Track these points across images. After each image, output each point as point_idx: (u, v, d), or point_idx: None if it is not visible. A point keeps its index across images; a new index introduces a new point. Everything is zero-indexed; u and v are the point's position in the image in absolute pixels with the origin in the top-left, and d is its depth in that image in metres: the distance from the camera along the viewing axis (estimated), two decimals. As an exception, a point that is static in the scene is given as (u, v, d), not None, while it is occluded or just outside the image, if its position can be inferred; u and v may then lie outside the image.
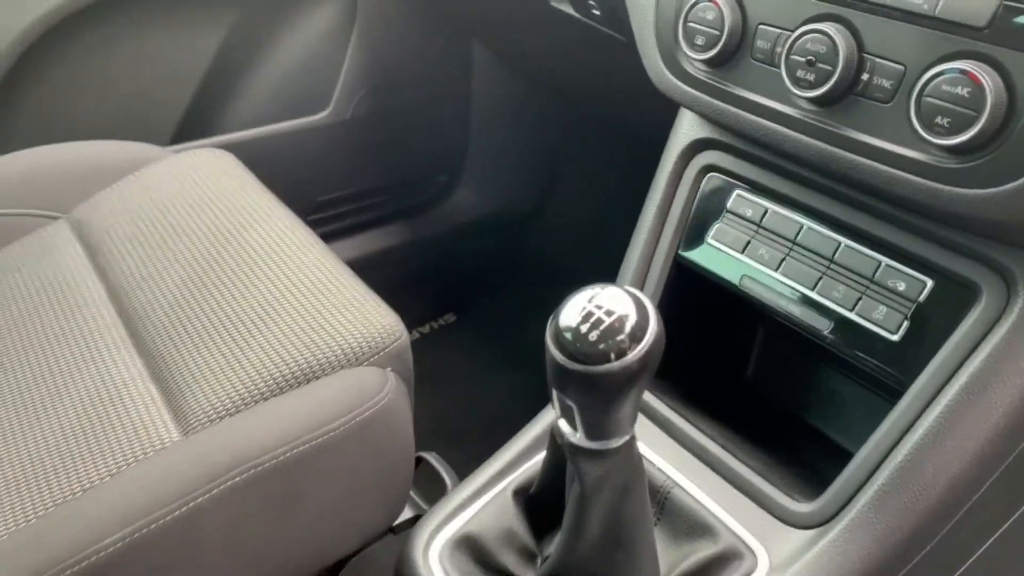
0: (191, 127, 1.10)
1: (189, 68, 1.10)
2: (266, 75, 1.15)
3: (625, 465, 0.45)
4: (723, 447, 0.56)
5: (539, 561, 0.53)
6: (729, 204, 0.60)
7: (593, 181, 1.09)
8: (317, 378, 0.58)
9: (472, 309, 1.40)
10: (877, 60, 0.46)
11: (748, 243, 0.58)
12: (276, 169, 0.91)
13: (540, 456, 0.55)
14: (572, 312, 0.41)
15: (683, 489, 0.55)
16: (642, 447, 0.57)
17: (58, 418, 0.58)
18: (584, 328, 0.40)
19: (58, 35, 0.96)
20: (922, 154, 0.45)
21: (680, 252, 0.62)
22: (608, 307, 0.41)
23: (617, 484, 0.45)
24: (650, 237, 0.63)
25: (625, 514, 0.46)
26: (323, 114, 1.19)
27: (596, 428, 0.43)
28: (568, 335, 0.41)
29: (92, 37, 1.00)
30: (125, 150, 0.90)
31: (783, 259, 0.56)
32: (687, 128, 0.62)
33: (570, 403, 0.42)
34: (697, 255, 0.61)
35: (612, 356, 0.40)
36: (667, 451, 0.58)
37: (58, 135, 0.91)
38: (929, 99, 0.43)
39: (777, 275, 0.56)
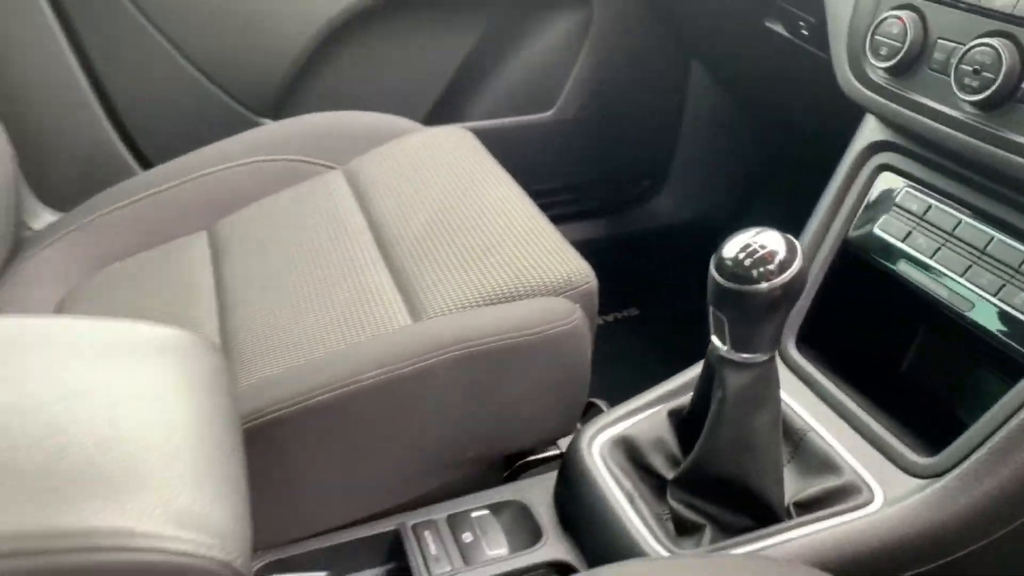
0: (441, 112, 1.30)
1: (444, 63, 1.30)
2: (506, 75, 1.34)
3: (762, 380, 0.55)
4: (857, 404, 0.64)
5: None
6: (897, 199, 0.68)
7: (790, 196, 1.16)
8: (522, 298, 0.72)
9: (655, 306, 1.50)
10: (1038, 73, 0.53)
11: (909, 233, 0.66)
12: (504, 154, 1.07)
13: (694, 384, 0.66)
14: (734, 244, 0.52)
15: (817, 433, 0.64)
16: (786, 396, 0.66)
17: (324, 307, 0.77)
18: (741, 256, 0.51)
19: (343, 32, 1.19)
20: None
21: (848, 236, 0.70)
22: (764, 243, 0.52)
23: (753, 396, 0.55)
24: (824, 221, 0.72)
25: (756, 423, 0.56)
26: (549, 113, 1.36)
27: (741, 342, 0.53)
28: (728, 261, 0.52)
29: (370, 34, 1.22)
30: (391, 121, 1.09)
31: (939, 248, 0.63)
32: (867, 132, 0.71)
33: (723, 317, 0.53)
34: (863, 240, 0.69)
35: (761, 280, 0.50)
36: (808, 402, 0.67)
37: (340, 107, 1.13)
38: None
39: (932, 262, 0.64)
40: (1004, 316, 0.58)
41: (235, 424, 0.48)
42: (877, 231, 0.69)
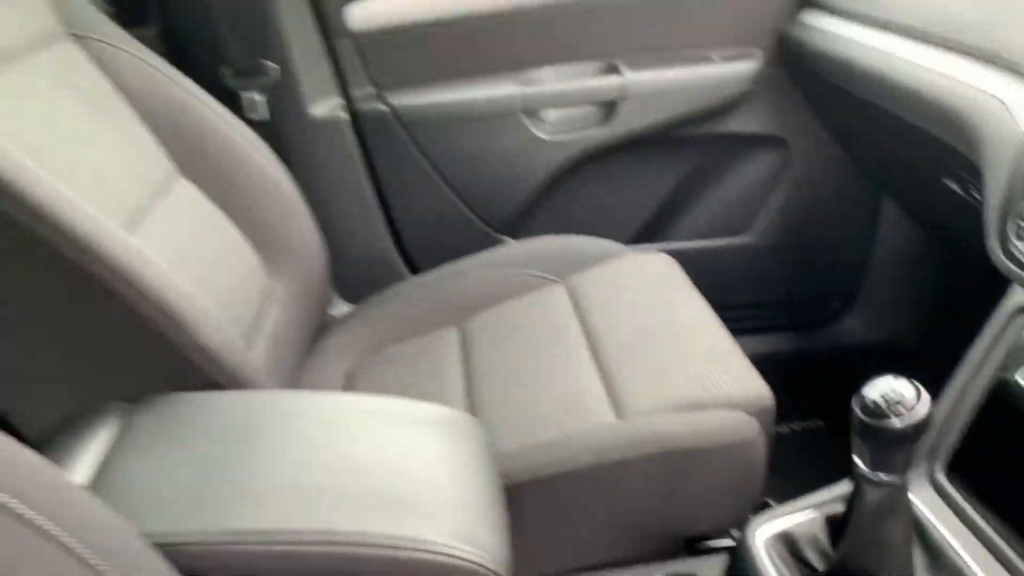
0: (646, 233, 1.52)
1: (654, 192, 1.52)
2: (706, 202, 1.53)
3: (894, 496, 0.69)
4: (996, 532, 0.75)
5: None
6: (1042, 354, 0.79)
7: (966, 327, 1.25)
8: (707, 408, 0.90)
9: (839, 420, 1.59)
10: None
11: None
12: (700, 272, 1.25)
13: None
14: (874, 387, 0.68)
15: (955, 551, 0.76)
16: (931, 516, 0.79)
17: (546, 395, 0.99)
18: (879, 398, 0.67)
19: (574, 167, 1.44)
20: None
21: (995, 383, 0.82)
22: (897, 388, 0.67)
23: (887, 509, 0.69)
24: (973, 368, 0.84)
25: (889, 532, 0.70)
26: (744, 237, 1.53)
27: (877, 465, 0.68)
28: (868, 400, 0.68)
29: (595, 168, 1.46)
30: (603, 244, 1.31)
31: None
32: (1015, 297, 0.83)
33: (860, 442, 0.69)
34: (1010, 388, 0.81)
35: (889, 419, 0.66)
36: (950, 524, 0.78)
37: (564, 227, 1.37)
38: None
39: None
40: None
41: (496, 481, 0.70)
42: (1022, 380, 0.80)
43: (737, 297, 1.56)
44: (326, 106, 1.36)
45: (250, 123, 1.16)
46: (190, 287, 0.79)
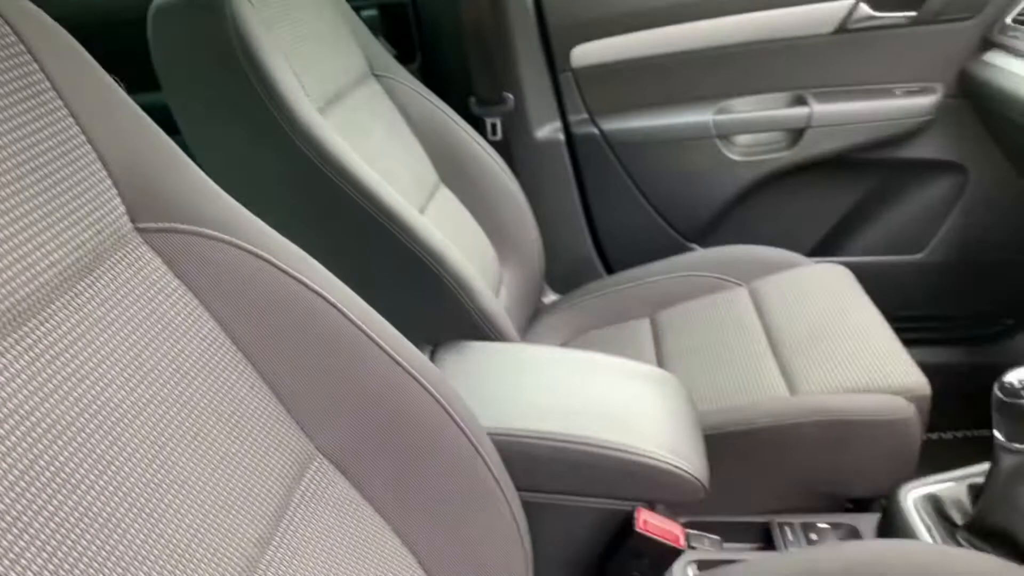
0: (824, 246, 1.68)
1: (834, 209, 1.67)
2: (884, 220, 1.66)
3: (1022, 463, 0.85)
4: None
5: (971, 519, 0.94)
6: None
7: None
8: (871, 392, 1.07)
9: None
10: None
11: None
12: (874, 286, 1.40)
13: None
14: (1015, 373, 0.84)
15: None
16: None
17: (729, 374, 1.19)
18: (1016, 382, 0.83)
19: (760, 184, 1.63)
20: None
21: None
22: (1035, 376, 0.83)
23: (1017, 475, 0.85)
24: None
25: (1018, 495, 0.85)
26: (920, 255, 1.66)
27: (1012, 435, 0.85)
28: (1006, 383, 0.84)
29: (779, 186, 1.64)
30: (784, 254, 1.48)
31: None
32: None
33: (999, 417, 0.85)
34: None
35: (1021, 397, 0.82)
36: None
37: (748, 238, 1.56)
38: None
39: None
40: None
41: (697, 423, 0.92)
42: None
43: (909, 311, 1.68)
44: (548, 129, 1.64)
45: (490, 144, 1.46)
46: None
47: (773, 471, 1.07)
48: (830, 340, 1.21)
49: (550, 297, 1.67)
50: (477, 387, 0.88)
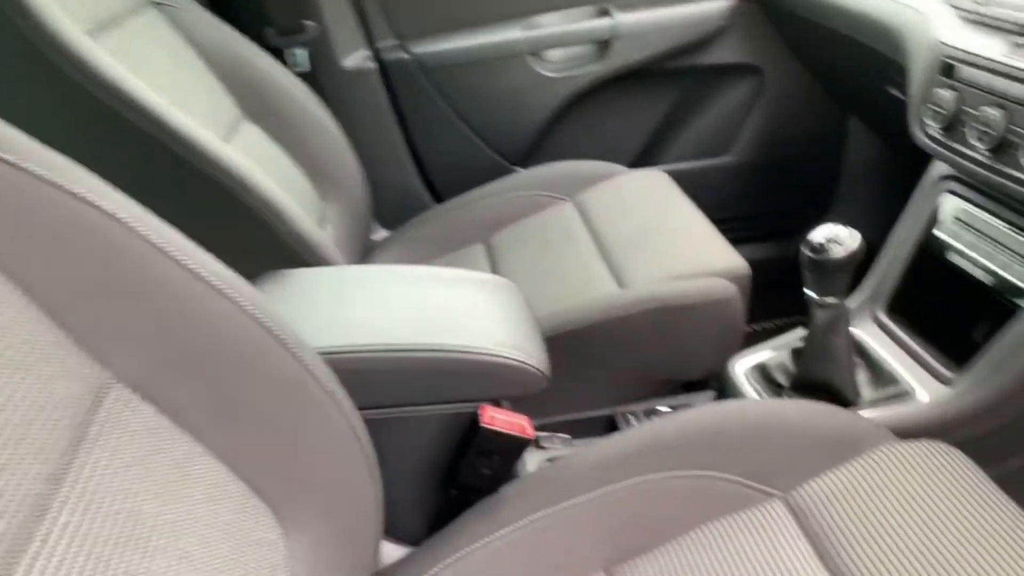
0: (642, 157, 1.72)
1: (647, 121, 1.72)
2: (693, 128, 1.73)
3: (837, 316, 0.91)
4: (919, 345, 0.97)
5: (794, 379, 1.00)
6: (956, 214, 1.01)
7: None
8: (697, 278, 1.11)
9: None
10: (1018, 129, 0.86)
11: (963, 237, 0.98)
12: (690, 190, 1.45)
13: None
14: (818, 232, 0.89)
15: (888, 363, 0.97)
16: (872, 341, 1.00)
17: (562, 279, 1.20)
18: (821, 239, 0.88)
19: (575, 100, 1.65)
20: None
21: (923, 240, 1.04)
22: (836, 232, 0.88)
23: (832, 326, 0.91)
24: (905, 228, 1.06)
25: (834, 345, 0.92)
26: (726, 157, 1.74)
27: (822, 289, 0.90)
28: (812, 240, 0.89)
29: (594, 101, 1.66)
30: (605, 166, 1.51)
31: (979, 243, 0.96)
32: (936, 167, 1.04)
33: (810, 276, 0.90)
34: (933, 242, 1.02)
35: (829, 252, 0.87)
36: (886, 345, 1.00)
37: (569, 155, 1.57)
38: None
39: (973, 254, 0.96)
40: (1010, 285, 0.90)
41: (535, 322, 0.92)
42: (942, 234, 1.01)
43: (724, 211, 1.76)
44: (357, 58, 1.56)
45: (297, 76, 1.37)
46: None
47: (612, 364, 1.09)
48: (654, 237, 1.24)
49: (380, 234, 1.62)
50: (303, 310, 0.83)
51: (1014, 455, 0.90)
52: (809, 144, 1.76)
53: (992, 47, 0.92)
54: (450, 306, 0.87)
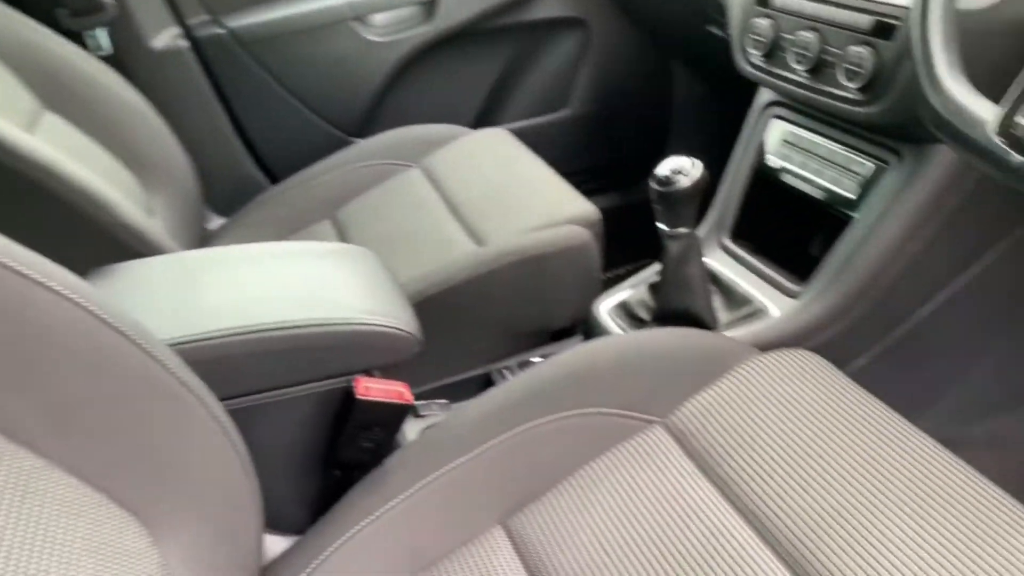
0: (483, 118, 1.71)
1: (482, 81, 1.71)
2: (528, 85, 1.74)
3: (689, 246, 0.94)
4: (765, 264, 1.02)
5: (656, 312, 1.03)
6: (784, 137, 1.06)
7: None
8: (552, 227, 1.11)
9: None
10: (831, 49, 0.92)
11: (792, 157, 1.04)
12: (532, 147, 1.46)
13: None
14: (664, 165, 0.92)
15: (740, 285, 1.02)
16: (721, 267, 1.05)
17: (416, 254, 1.18)
18: (668, 172, 0.91)
19: (408, 66, 1.60)
20: (846, 92, 0.90)
21: (757, 164, 1.09)
22: (680, 164, 0.91)
23: (685, 256, 0.94)
24: (740, 155, 1.11)
25: (689, 274, 0.95)
26: (564, 111, 1.76)
27: (672, 221, 0.92)
28: (658, 174, 0.91)
29: (427, 66, 1.63)
30: (447, 129, 1.48)
31: (808, 161, 1.01)
32: (763, 95, 1.09)
33: (660, 208, 0.92)
34: (765, 166, 1.08)
35: (675, 183, 0.89)
36: (736, 269, 1.05)
37: (409, 122, 1.53)
38: (848, 66, 0.88)
39: (804, 173, 1.02)
40: (839, 197, 0.96)
41: (397, 287, 0.89)
42: (773, 158, 1.07)
43: (570, 165, 1.79)
44: (166, 37, 1.44)
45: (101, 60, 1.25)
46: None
47: (481, 322, 1.08)
48: (505, 194, 1.23)
49: (216, 222, 1.52)
50: (145, 301, 0.75)
51: (860, 355, 0.97)
52: (639, 92, 1.81)
53: (799, -25, 0.96)
54: (305, 279, 0.82)
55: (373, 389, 0.74)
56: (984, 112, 0.58)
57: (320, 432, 0.77)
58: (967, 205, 0.89)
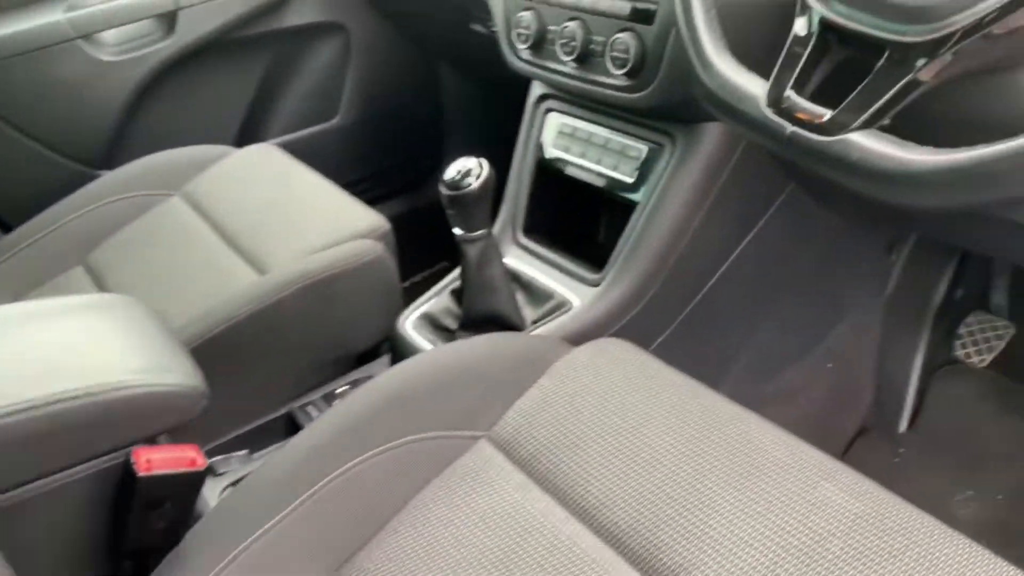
0: (246, 135, 1.59)
1: (240, 95, 1.59)
2: (292, 96, 1.64)
3: (487, 247, 0.91)
4: (562, 256, 1.02)
5: (462, 320, 0.99)
6: (561, 128, 1.06)
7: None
8: (340, 244, 1.04)
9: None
10: (596, 38, 0.92)
11: (570, 148, 1.04)
12: (305, 160, 1.37)
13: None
14: (451, 168, 0.88)
15: (540, 281, 1.01)
16: (520, 264, 1.04)
17: (188, 281, 1.05)
18: (456, 175, 0.87)
19: (153, 85, 1.44)
20: (615, 80, 0.91)
21: (539, 157, 1.08)
22: (467, 165, 0.87)
23: (484, 258, 0.91)
24: (522, 150, 1.10)
25: (491, 275, 0.92)
26: (334, 121, 1.68)
27: (467, 224, 0.89)
28: (447, 178, 0.87)
29: (175, 83, 1.48)
30: (206, 150, 1.35)
31: (583, 150, 1.02)
32: (535, 88, 1.09)
33: (453, 212, 0.89)
34: (547, 158, 1.07)
35: (464, 185, 0.86)
36: (534, 264, 1.04)
37: (162, 147, 1.39)
38: (614, 54, 0.89)
39: (584, 161, 1.02)
40: (619, 182, 0.98)
41: (173, 338, 0.78)
42: (553, 150, 1.07)
43: (349, 175, 1.71)
44: None
45: None
46: None
47: (275, 358, 0.99)
48: (282, 214, 1.15)
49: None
50: None
51: (663, 331, 0.99)
52: (409, 94, 1.77)
53: (555, -34, 0.97)
54: (58, 343, 0.70)
55: (156, 460, 0.63)
56: (755, 88, 0.59)
57: (100, 520, 0.66)
58: (737, 178, 0.94)
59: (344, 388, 1.00)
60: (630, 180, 0.97)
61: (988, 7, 0.49)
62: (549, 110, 1.08)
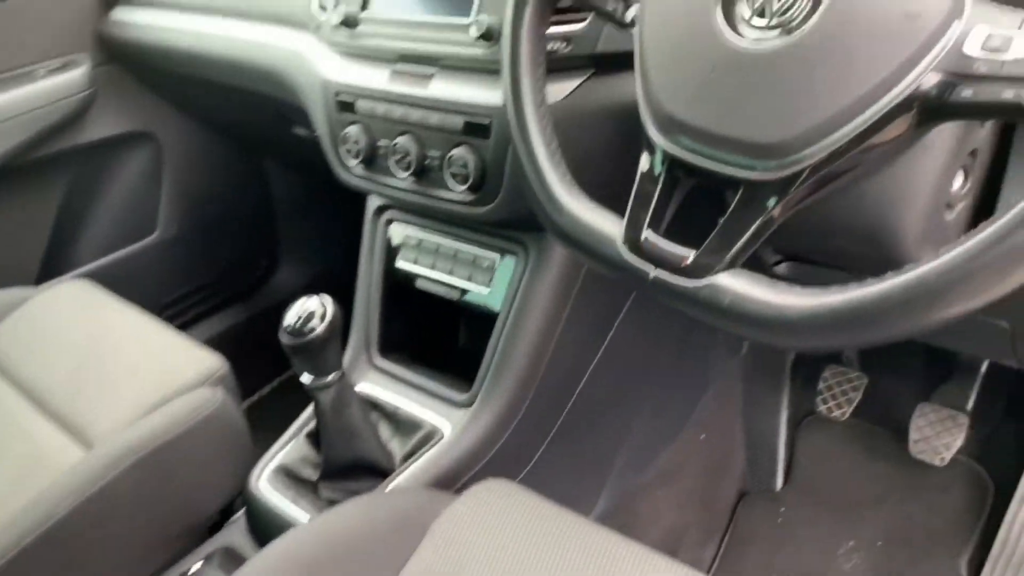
0: (53, 265, 1.42)
1: (40, 221, 1.42)
2: (103, 213, 1.49)
3: (341, 390, 0.83)
4: (414, 377, 0.96)
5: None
6: (403, 240, 1.01)
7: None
8: (174, 399, 0.93)
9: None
10: (432, 153, 0.88)
11: (417, 260, 0.99)
12: (126, 283, 1.24)
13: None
14: (291, 313, 0.80)
15: (404, 409, 0.94)
16: (379, 391, 0.96)
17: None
18: (296, 321, 0.79)
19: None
20: (457, 196, 0.86)
21: (387, 270, 1.02)
22: (309, 308, 0.79)
23: (340, 402, 0.83)
24: (367, 264, 1.03)
25: (350, 419, 0.84)
26: (153, 236, 1.54)
27: (316, 369, 0.81)
28: (288, 326, 0.79)
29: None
30: (7, 293, 1.20)
31: (433, 261, 0.97)
32: (372, 200, 1.03)
33: (299, 360, 0.80)
34: (395, 271, 1.01)
35: (308, 331, 0.78)
36: (396, 389, 0.97)
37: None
38: (452, 170, 0.85)
39: (432, 272, 0.97)
40: (473, 293, 0.93)
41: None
42: (402, 262, 1.01)
43: (173, 292, 1.57)
44: None
45: None
46: None
47: (114, 548, 0.85)
48: (101, 367, 1.01)
49: None
50: None
51: (540, 445, 0.94)
52: (234, 196, 1.66)
53: (376, 77, 0.91)
54: None
55: None
56: (610, 228, 0.56)
57: None
58: (593, 280, 0.91)
59: (198, 564, 0.88)
60: (486, 290, 0.92)
61: (838, 139, 0.47)
62: (391, 220, 1.02)
